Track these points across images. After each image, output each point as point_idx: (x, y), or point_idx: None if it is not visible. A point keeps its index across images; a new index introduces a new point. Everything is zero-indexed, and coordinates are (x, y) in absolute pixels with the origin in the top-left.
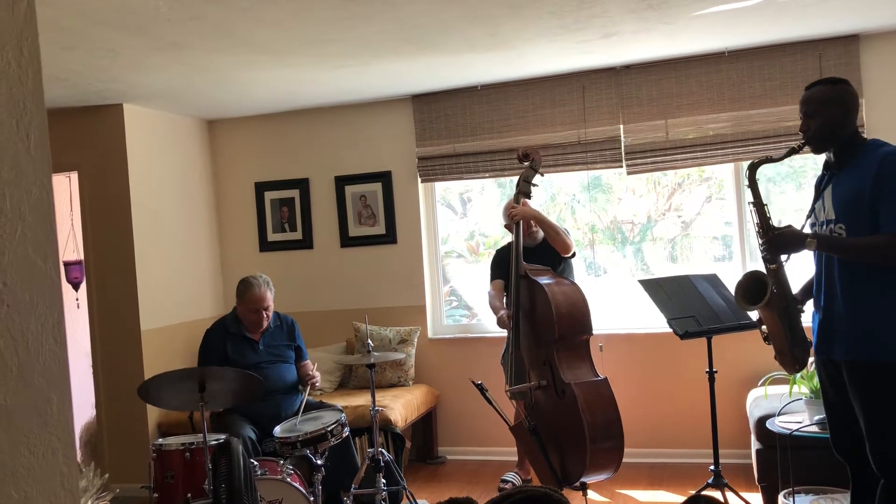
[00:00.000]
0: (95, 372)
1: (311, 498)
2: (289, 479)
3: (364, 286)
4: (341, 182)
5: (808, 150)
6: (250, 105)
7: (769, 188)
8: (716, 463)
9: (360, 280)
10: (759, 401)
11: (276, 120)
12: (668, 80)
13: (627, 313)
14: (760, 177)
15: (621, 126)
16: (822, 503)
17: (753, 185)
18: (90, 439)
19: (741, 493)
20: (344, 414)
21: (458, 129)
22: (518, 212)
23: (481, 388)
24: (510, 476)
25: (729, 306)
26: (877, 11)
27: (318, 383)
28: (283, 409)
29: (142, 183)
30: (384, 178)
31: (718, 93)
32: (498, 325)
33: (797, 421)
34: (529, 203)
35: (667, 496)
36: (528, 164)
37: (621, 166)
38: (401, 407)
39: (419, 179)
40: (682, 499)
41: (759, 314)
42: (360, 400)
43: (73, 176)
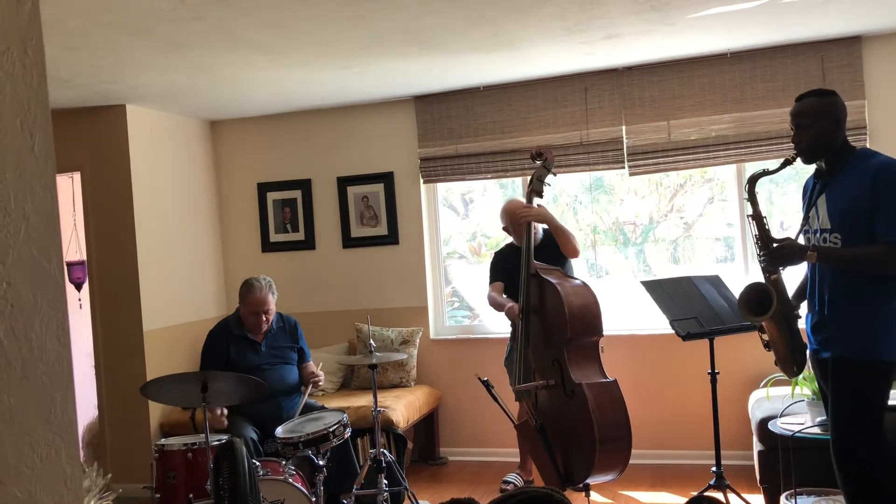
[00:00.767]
0: (98, 372)
1: (313, 498)
2: (290, 480)
3: (366, 287)
4: (343, 183)
5: (800, 161)
6: (253, 106)
7: (771, 190)
8: (718, 464)
9: (362, 281)
10: (761, 402)
11: (279, 120)
12: (670, 82)
13: (629, 314)
14: (763, 178)
15: (623, 127)
16: None
17: (752, 197)
18: (92, 439)
19: (743, 495)
20: (346, 415)
21: (461, 129)
22: (530, 214)
23: (487, 385)
24: (512, 477)
25: (731, 307)
26: (879, 13)
27: (322, 382)
28: (285, 411)
29: (144, 183)
30: (386, 178)
31: (721, 94)
32: (508, 315)
33: (799, 422)
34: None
35: (669, 497)
36: (540, 163)
37: (623, 167)
38: (403, 408)
39: (421, 180)
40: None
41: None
42: (362, 401)
43: (76, 176)
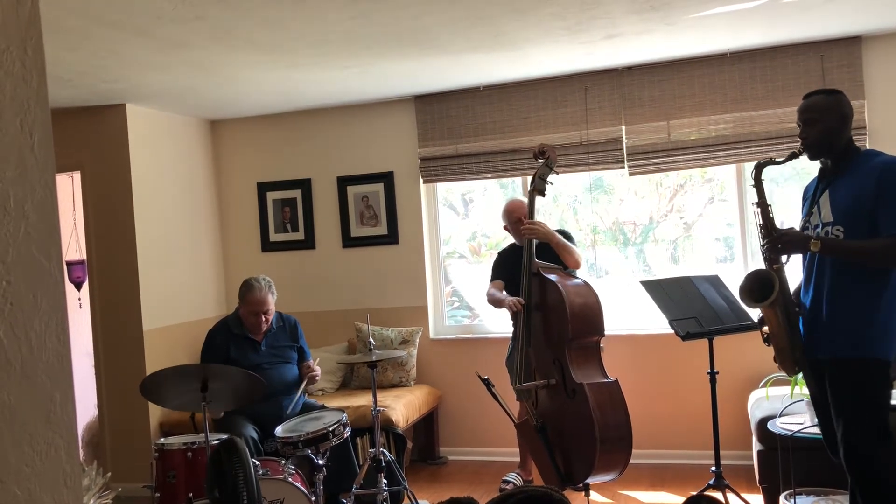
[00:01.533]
0: (97, 371)
1: (313, 498)
2: (290, 479)
3: (366, 286)
4: (343, 182)
5: (805, 155)
6: (253, 105)
7: (772, 188)
8: (717, 464)
9: (361, 280)
10: (760, 402)
11: (279, 120)
12: (670, 82)
13: (629, 314)
14: (764, 178)
15: (623, 127)
16: None
17: (759, 184)
18: (92, 439)
19: (742, 494)
20: (345, 414)
21: (461, 129)
22: (534, 231)
23: (487, 383)
24: (511, 476)
25: (730, 307)
26: (879, 13)
27: (318, 377)
28: (285, 410)
29: (144, 183)
30: (386, 178)
31: (721, 94)
32: (509, 308)
33: (798, 422)
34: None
35: (668, 497)
36: (543, 162)
37: (623, 167)
38: (402, 407)
39: (421, 180)
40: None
41: (761, 313)
42: (362, 400)
43: (76, 176)
